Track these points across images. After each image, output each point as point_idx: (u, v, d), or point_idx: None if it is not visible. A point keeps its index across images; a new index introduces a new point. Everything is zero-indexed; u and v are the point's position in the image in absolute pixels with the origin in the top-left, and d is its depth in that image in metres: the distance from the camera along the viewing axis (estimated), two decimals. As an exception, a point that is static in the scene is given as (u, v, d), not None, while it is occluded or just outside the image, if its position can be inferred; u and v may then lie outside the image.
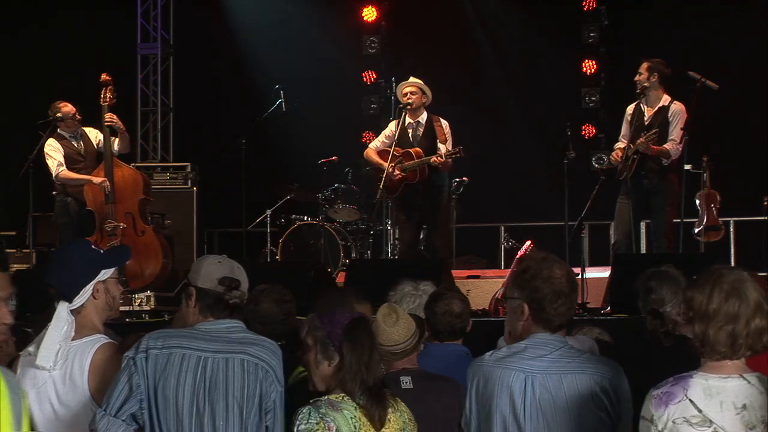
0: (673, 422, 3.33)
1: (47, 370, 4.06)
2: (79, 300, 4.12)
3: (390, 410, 4.00)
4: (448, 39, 13.46)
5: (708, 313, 3.33)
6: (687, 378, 3.37)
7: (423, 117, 10.17)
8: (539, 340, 3.75)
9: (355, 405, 3.90)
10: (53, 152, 9.71)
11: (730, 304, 3.32)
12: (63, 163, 9.71)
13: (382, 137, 10.38)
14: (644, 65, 9.49)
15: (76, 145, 9.87)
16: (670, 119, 9.42)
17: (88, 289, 4.13)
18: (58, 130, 9.85)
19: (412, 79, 10.24)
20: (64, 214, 9.83)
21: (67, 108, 9.81)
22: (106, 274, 4.18)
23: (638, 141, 9.27)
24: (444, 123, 10.12)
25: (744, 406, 3.30)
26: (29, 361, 4.13)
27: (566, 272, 3.76)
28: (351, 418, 3.89)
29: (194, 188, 11.77)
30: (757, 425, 3.29)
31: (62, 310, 4.09)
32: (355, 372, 3.92)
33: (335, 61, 13.65)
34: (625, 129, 9.64)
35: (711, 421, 3.30)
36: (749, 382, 3.33)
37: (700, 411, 3.31)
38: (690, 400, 3.33)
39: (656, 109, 9.48)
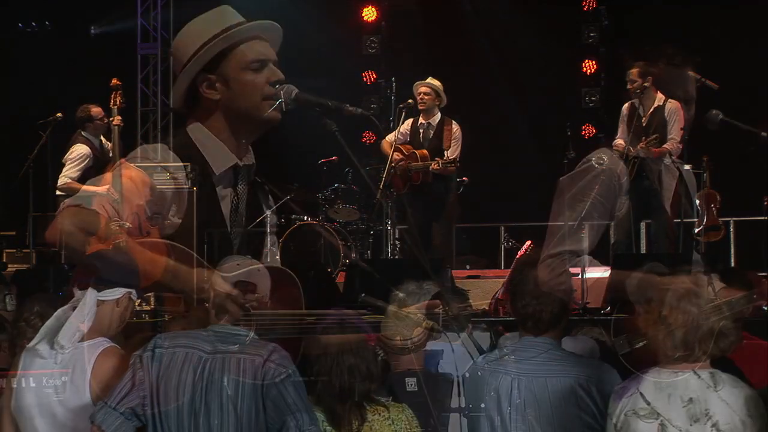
0: (625, 415, 3.41)
1: (61, 351, 4.06)
2: (107, 294, 4.13)
3: (381, 417, 4.03)
4: (448, 39, 13.45)
5: (659, 317, 3.39)
6: (644, 373, 3.42)
7: (435, 119, 10.11)
8: (527, 343, 3.80)
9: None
10: (77, 160, 9.70)
11: (682, 309, 3.37)
12: (79, 175, 9.72)
13: (396, 132, 10.32)
14: (634, 71, 9.45)
15: (101, 150, 9.91)
16: (668, 119, 9.41)
17: (118, 291, 4.18)
18: (84, 134, 9.85)
19: (429, 79, 10.15)
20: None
21: (98, 109, 9.83)
22: (135, 294, 4.26)
23: (639, 146, 9.26)
24: (454, 127, 10.03)
25: (690, 400, 3.36)
26: (32, 355, 4.14)
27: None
28: (322, 421, 4.00)
29: (194, 188, 11.74)
30: (701, 418, 3.34)
31: (90, 297, 4.13)
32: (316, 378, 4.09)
33: (335, 61, 13.64)
34: (621, 129, 9.64)
35: (658, 414, 3.36)
36: (699, 377, 3.37)
37: (648, 404, 3.38)
38: (641, 393, 3.40)
39: (652, 109, 9.48)
